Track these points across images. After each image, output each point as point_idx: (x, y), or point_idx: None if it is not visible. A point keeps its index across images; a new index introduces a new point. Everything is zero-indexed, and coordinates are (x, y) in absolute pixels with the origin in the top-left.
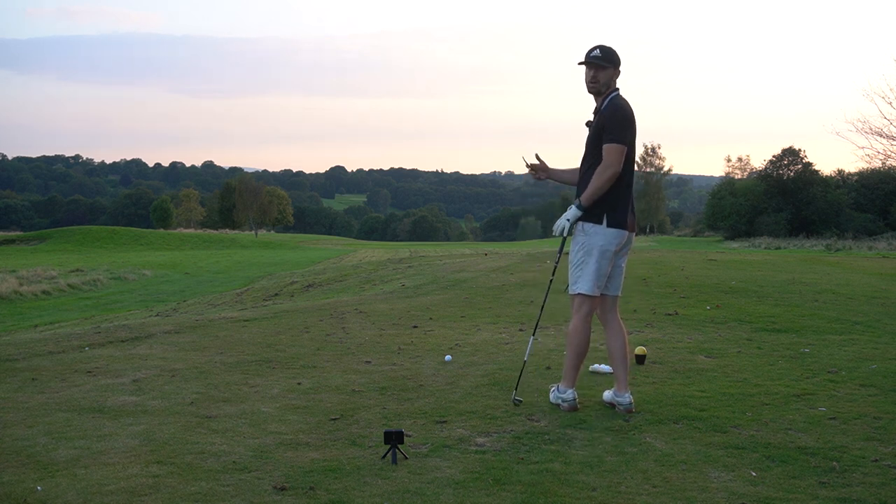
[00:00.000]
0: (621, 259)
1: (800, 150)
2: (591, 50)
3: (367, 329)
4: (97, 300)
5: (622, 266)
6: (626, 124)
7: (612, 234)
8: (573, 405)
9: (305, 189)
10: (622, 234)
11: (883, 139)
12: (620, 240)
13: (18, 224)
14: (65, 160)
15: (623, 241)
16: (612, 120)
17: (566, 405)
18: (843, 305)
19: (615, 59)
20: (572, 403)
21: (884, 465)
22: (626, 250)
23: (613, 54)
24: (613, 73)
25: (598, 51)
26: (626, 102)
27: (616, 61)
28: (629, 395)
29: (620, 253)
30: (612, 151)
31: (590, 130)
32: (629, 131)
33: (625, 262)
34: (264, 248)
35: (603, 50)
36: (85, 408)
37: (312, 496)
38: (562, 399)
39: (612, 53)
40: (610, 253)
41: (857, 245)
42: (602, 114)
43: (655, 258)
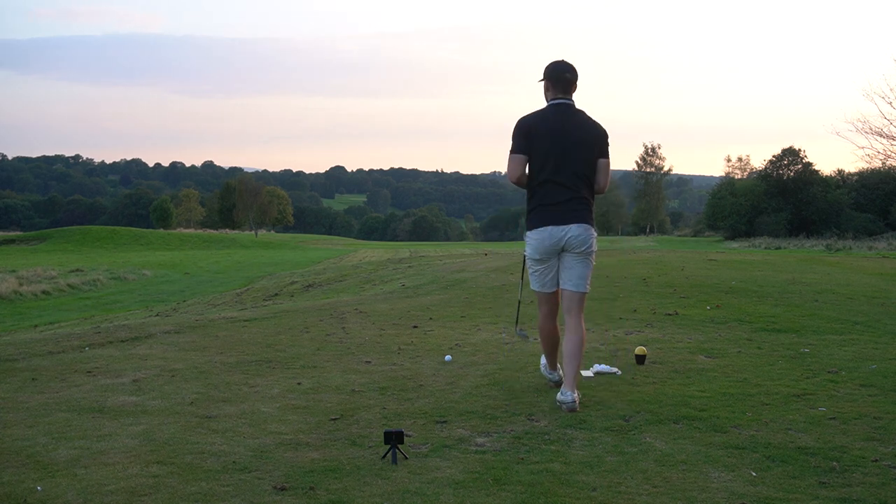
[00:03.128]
0: (572, 257)
1: (800, 150)
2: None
3: (367, 329)
4: (97, 300)
5: (575, 262)
6: (515, 135)
7: (531, 237)
8: (559, 382)
9: (305, 189)
10: (543, 232)
11: (883, 139)
12: (542, 238)
13: (18, 224)
14: (65, 160)
15: (550, 238)
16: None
17: (551, 384)
18: (843, 305)
19: (545, 72)
20: (558, 381)
21: (884, 465)
22: (574, 246)
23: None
24: (545, 85)
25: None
26: (531, 114)
27: (546, 74)
28: (573, 394)
29: (568, 251)
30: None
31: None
32: (517, 141)
33: (579, 261)
34: (264, 248)
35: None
36: (85, 408)
37: (312, 496)
38: (549, 379)
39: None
40: (533, 260)
41: (857, 245)
42: None
43: (655, 258)
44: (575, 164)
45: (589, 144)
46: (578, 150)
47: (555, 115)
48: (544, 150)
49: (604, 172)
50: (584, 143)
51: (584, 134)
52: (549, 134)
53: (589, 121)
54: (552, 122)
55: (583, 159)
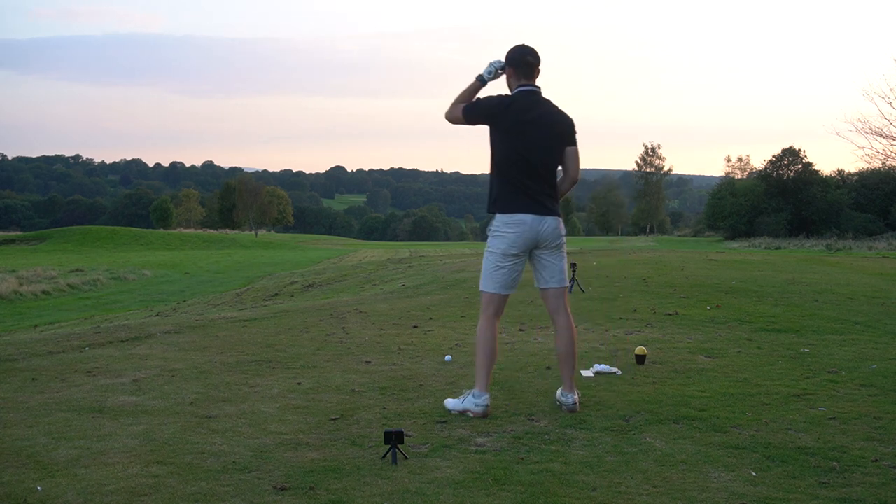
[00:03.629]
0: (546, 253)
1: (800, 150)
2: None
3: (367, 329)
4: (97, 300)
5: (553, 257)
6: (479, 100)
7: (506, 228)
8: (485, 411)
9: (305, 189)
10: (522, 223)
11: (883, 139)
12: (521, 231)
13: (18, 224)
14: (65, 160)
15: (528, 228)
16: None
17: (478, 409)
18: (843, 305)
19: (507, 59)
20: (484, 409)
21: (884, 465)
22: (550, 241)
23: (507, 55)
24: (508, 72)
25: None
26: (499, 95)
27: (508, 61)
28: (573, 396)
29: (542, 247)
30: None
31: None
32: (480, 104)
33: (555, 255)
34: (264, 248)
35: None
36: (85, 408)
37: (312, 496)
38: (475, 403)
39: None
40: (510, 252)
41: (857, 245)
42: None
43: (655, 258)
44: (544, 153)
45: (557, 132)
46: (548, 138)
47: (523, 101)
48: (513, 135)
49: (574, 160)
50: (553, 131)
51: (552, 121)
52: (519, 120)
53: (556, 108)
54: (521, 108)
55: (552, 147)
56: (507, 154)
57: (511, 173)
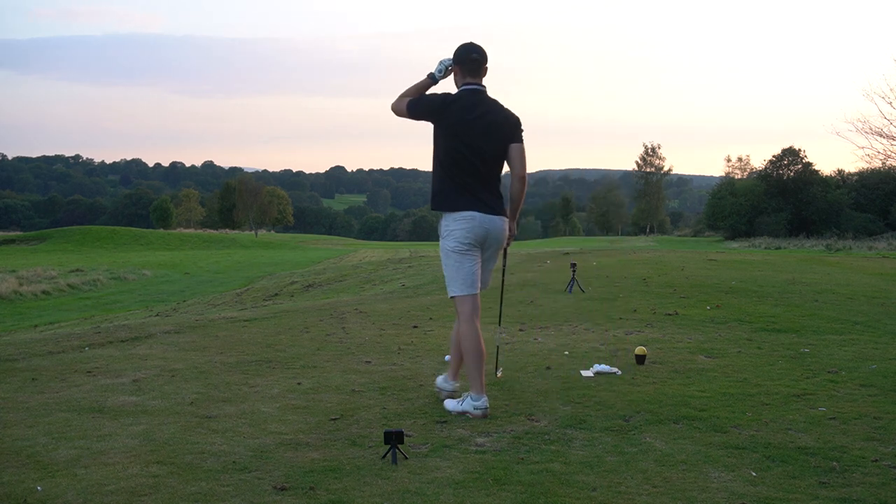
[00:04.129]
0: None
1: (800, 150)
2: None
3: (367, 329)
4: (97, 300)
5: (490, 261)
6: (427, 96)
7: (456, 220)
8: (484, 412)
9: (305, 189)
10: (472, 217)
11: (883, 139)
12: (473, 227)
13: (18, 224)
14: (65, 160)
15: (478, 225)
16: None
17: (477, 412)
18: (843, 305)
19: (454, 57)
20: (483, 411)
21: (884, 465)
22: (496, 240)
23: (454, 53)
24: (454, 70)
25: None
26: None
27: (454, 58)
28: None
29: (491, 245)
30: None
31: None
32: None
33: (494, 256)
34: (264, 248)
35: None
36: (85, 408)
37: (312, 496)
38: (473, 406)
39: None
40: (463, 246)
41: (857, 245)
42: None
43: (655, 258)
44: (486, 152)
45: (501, 131)
46: (490, 137)
47: (467, 99)
48: (456, 132)
49: (519, 157)
50: (496, 130)
51: (495, 120)
52: (462, 118)
53: (501, 107)
54: (464, 106)
55: (495, 146)
56: (449, 152)
57: (453, 171)
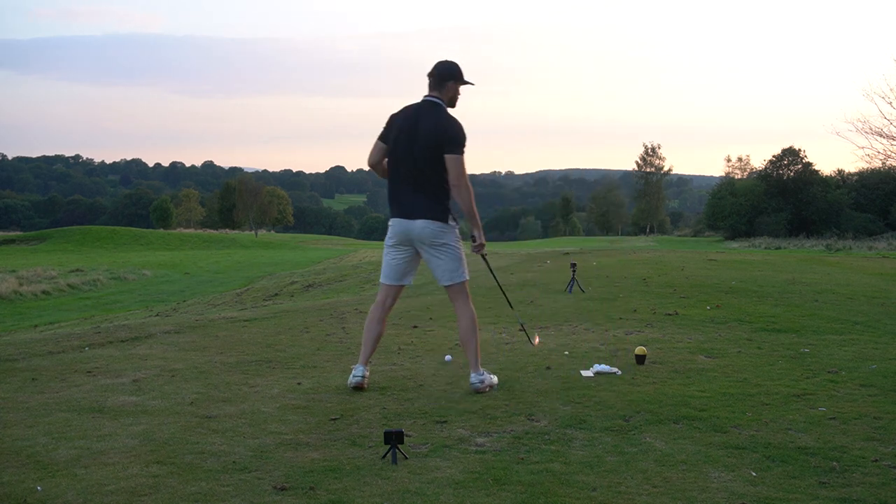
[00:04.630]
0: (426, 251)
1: (800, 150)
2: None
3: None
4: (97, 300)
5: (433, 259)
6: (385, 124)
7: (389, 223)
8: (359, 381)
9: (305, 189)
10: (393, 223)
11: (883, 139)
12: (394, 229)
13: (18, 224)
14: (65, 160)
15: (399, 230)
16: None
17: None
18: (843, 305)
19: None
20: (358, 380)
21: (884, 465)
22: (422, 240)
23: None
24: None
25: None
26: (398, 109)
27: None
28: (477, 375)
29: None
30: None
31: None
32: (383, 130)
33: (438, 255)
34: (264, 248)
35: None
36: (85, 408)
37: (312, 496)
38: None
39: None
40: (389, 244)
41: (857, 245)
42: None
43: (655, 258)
44: (418, 160)
45: (433, 140)
46: (422, 146)
47: (414, 110)
48: (394, 141)
49: (449, 166)
50: (428, 139)
51: (430, 130)
52: (401, 128)
53: (442, 118)
54: (407, 117)
55: (426, 155)
56: (391, 156)
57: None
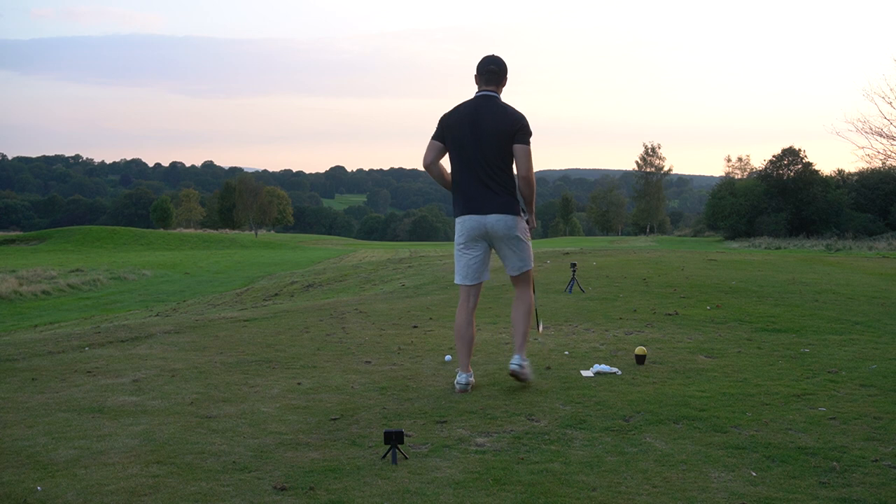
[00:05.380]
0: (500, 244)
1: (800, 150)
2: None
3: (367, 329)
4: (97, 300)
5: (507, 251)
6: (438, 124)
7: (456, 223)
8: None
9: (305, 189)
10: (463, 220)
11: (883, 139)
12: (465, 226)
13: (18, 224)
14: (65, 160)
15: (472, 226)
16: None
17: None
18: (843, 305)
19: (476, 66)
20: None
21: (884, 465)
22: (496, 233)
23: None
24: (475, 79)
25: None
26: (451, 109)
27: (476, 68)
28: (519, 358)
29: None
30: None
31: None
32: (436, 130)
33: (512, 247)
34: (264, 248)
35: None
36: (85, 408)
37: (312, 496)
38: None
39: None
40: (460, 245)
41: (857, 245)
42: None
43: (655, 258)
44: (487, 154)
45: (501, 133)
46: (490, 139)
47: (472, 106)
48: (457, 139)
49: (520, 157)
50: (495, 132)
51: (497, 123)
52: (461, 125)
53: (505, 109)
54: (466, 113)
55: (494, 148)
56: (454, 153)
57: (456, 171)
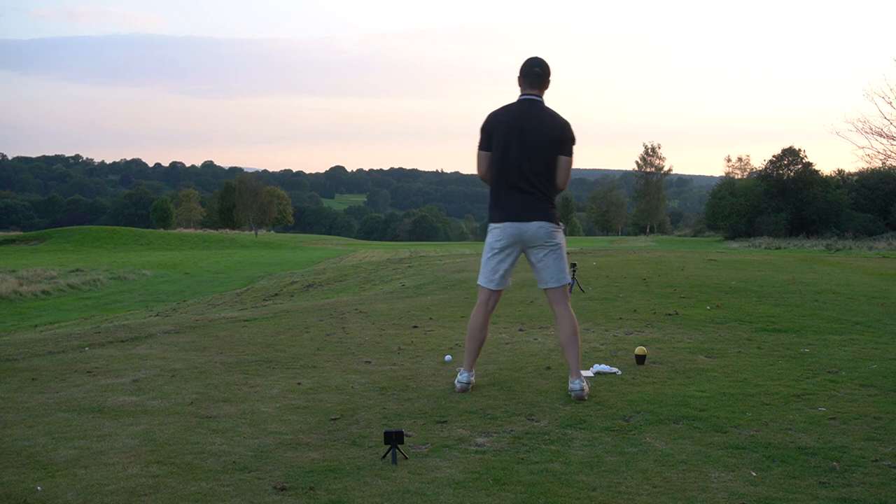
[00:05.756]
0: (538, 253)
1: (800, 150)
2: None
3: (367, 329)
4: (97, 300)
5: (545, 260)
6: (480, 130)
7: (492, 228)
8: (464, 387)
9: (305, 189)
10: (504, 227)
11: (883, 139)
12: (504, 232)
13: (18, 224)
14: (65, 160)
15: (512, 233)
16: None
17: (458, 385)
18: (843, 305)
19: (519, 69)
20: (463, 385)
21: (884, 465)
22: (535, 242)
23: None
24: (518, 81)
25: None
26: (497, 109)
27: (519, 70)
28: (579, 382)
29: (536, 248)
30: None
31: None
32: (481, 138)
33: (549, 256)
34: (264, 248)
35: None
36: (85, 408)
37: (312, 496)
38: (457, 380)
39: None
40: (495, 249)
41: (857, 245)
42: None
43: (655, 258)
44: (532, 161)
45: (549, 141)
46: (536, 147)
47: (517, 110)
48: (503, 144)
49: (563, 170)
50: (543, 140)
51: (544, 130)
52: (509, 129)
53: (553, 118)
54: (512, 117)
55: (541, 156)
56: (497, 159)
57: (498, 177)
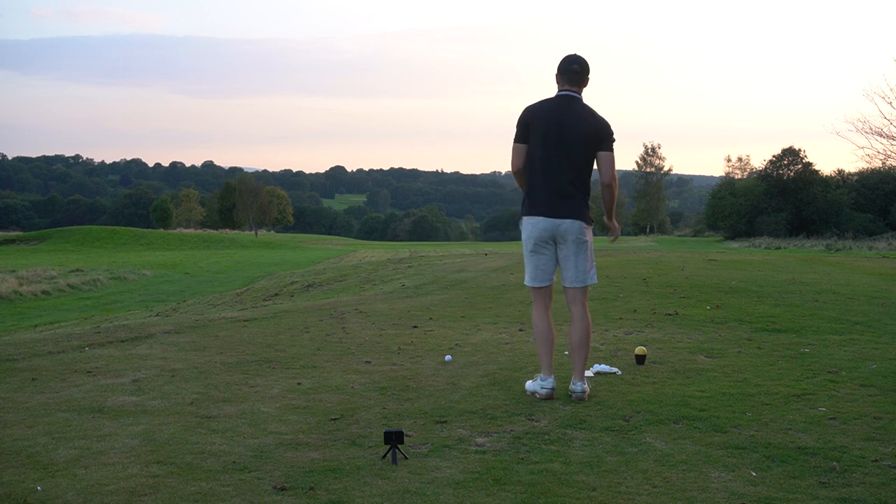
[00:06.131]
0: (565, 249)
1: (800, 150)
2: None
3: (367, 329)
4: (97, 300)
5: (571, 258)
6: (517, 123)
7: (525, 222)
8: (549, 393)
9: (305, 189)
10: (536, 222)
11: (883, 139)
12: (537, 227)
13: (18, 224)
14: (65, 160)
15: (545, 227)
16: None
17: (543, 392)
18: (843, 305)
19: (558, 65)
20: (549, 392)
21: (884, 465)
22: (565, 237)
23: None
24: (556, 77)
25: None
26: (535, 103)
27: (558, 67)
28: (581, 384)
29: (566, 243)
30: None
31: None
32: (518, 131)
33: (575, 254)
34: (264, 248)
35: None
36: (85, 408)
37: (312, 496)
38: (541, 387)
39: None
40: (529, 247)
41: (857, 245)
42: None
43: (655, 258)
44: (570, 157)
45: (587, 137)
46: (574, 142)
47: (556, 105)
48: (540, 139)
49: (605, 164)
50: (581, 136)
51: (583, 126)
52: (547, 123)
53: (593, 115)
54: (551, 112)
55: (578, 152)
56: (535, 153)
57: (534, 171)
